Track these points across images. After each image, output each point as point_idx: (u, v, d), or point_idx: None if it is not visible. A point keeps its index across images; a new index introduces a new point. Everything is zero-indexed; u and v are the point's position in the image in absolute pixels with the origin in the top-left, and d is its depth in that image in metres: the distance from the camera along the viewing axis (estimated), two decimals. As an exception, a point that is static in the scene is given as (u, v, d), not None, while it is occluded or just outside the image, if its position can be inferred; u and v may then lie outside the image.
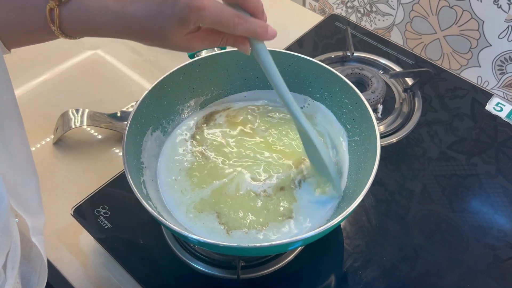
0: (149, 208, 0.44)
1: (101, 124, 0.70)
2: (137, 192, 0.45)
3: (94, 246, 0.59)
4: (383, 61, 0.78)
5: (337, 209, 0.51)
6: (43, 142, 0.70)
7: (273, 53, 0.56)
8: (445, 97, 0.75)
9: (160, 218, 0.43)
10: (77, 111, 0.70)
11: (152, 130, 0.55)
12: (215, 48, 0.58)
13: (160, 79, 0.54)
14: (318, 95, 0.59)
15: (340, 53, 0.79)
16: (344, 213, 0.44)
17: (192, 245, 0.56)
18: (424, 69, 0.72)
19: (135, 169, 0.50)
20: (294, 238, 0.42)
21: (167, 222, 0.43)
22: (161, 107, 0.56)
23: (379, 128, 0.68)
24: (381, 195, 0.62)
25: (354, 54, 0.78)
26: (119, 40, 0.85)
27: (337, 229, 0.59)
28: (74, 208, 0.59)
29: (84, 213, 0.58)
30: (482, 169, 0.66)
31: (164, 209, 0.52)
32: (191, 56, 0.58)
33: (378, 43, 0.81)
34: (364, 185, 0.46)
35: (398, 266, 0.56)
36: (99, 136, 0.71)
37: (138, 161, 0.52)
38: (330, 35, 0.84)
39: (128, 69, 0.82)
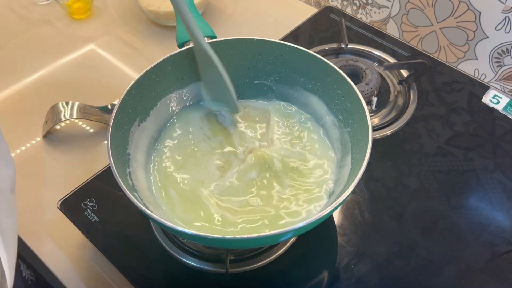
0: (134, 199, 0.42)
1: (91, 117, 0.69)
2: (122, 183, 0.44)
3: (82, 240, 0.58)
4: (378, 53, 0.77)
5: (328, 200, 0.50)
6: (34, 136, 0.69)
7: (264, 43, 0.56)
8: (442, 90, 0.73)
9: (145, 209, 0.42)
10: (67, 103, 0.69)
11: (140, 121, 0.54)
12: (205, 39, 0.57)
13: (147, 68, 0.53)
14: (310, 86, 0.58)
15: (335, 45, 0.78)
16: (335, 202, 0.43)
17: (180, 238, 0.55)
18: (419, 60, 0.71)
19: (121, 160, 0.49)
20: (284, 229, 0.41)
21: (152, 214, 0.42)
22: (149, 97, 0.55)
23: (373, 121, 0.67)
24: (378, 191, 0.61)
25: (349, 46, 0.76)
26: (112, 34, 0.85)
27: (330, 223, 0.58)
28: (60, 201, 0.58)
29: (71, 206, 0.57)
30: (480, 164, 0.64)
31: (152, 201, 0.50)
32: (181, 46, 0.57)
33: (373, 36, 0.80)
34: (354, 177, 0.45)
35: (392, 261, 0.54)
36: (90, 129, 0.70)
37: (125, 152, 0.51)
38: (325, 28, 0.83)
39: (121, 63, 0.81)
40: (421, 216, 0.59)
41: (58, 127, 0.70)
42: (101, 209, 0.57)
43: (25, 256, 0.61)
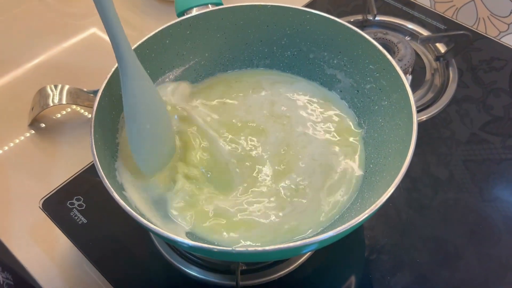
0: (120, 200, 0.34)
1: (84, 102, 0.61)
2: (106, 180, 0.36)
3: (69, 244, 0.50)
4: (410, 25, 0.69)
5: (361, 200, 0.41)
6: (19, 125, 0.62)
7: (281, 10, 0.47)
8: (479, 69, 0.66)
9: (135, 214, 0.34)
10: (55, 87, 0.62)
11: (132, 104, 0.46)
12: (209, 5, 0.48)
13: (140, 41, 0.45)
14: (335, 61, 0.49)
15: (360, 17, 0.69)
16: (372, 207, 0.34)
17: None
18: (461, 32, 0.62)
19: (109, 152, 0.41)
20: (307, 241, 0.33)
21: (143, 220, 0.34)
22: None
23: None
24: (403, 183, 0.53)
25: (376, 18, 0.68)
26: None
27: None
28: (43, 200, 0.50)
29: (55, 205, 0.50)
30: (520, 153, 0.57)
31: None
32: (180, 15, 0.48)
33: (403, 6, 0.72)
34: (397, 172, 0.36)
35: (429, 269, 0.48)
36: (81, 116, 0.63)
37: (113, 142, 0.43)
38: (345, 1, 0.75)
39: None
40: (451, 211, 0.52)
41: (46, 113, 0.63)
42: (90, 210, 0.50)
43: (4, 259, 0.54)
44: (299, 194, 0.43)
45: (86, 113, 0.63)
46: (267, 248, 0.32)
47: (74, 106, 0.63)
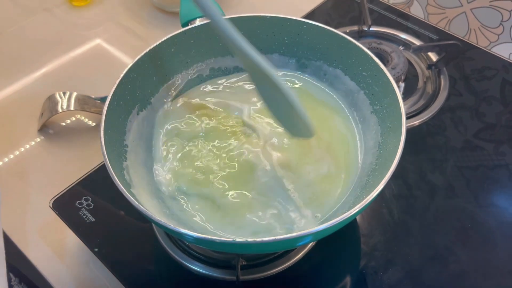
0: (129, 197, 0.37)
1: (91, 108, 0.64)
2: (116, 178, 0.38)
3: (78, 243, 0.52)
4: (403, 36, 0.71)
5: (353, 199, 0.44)
6: (29, 130, 0.64)
7: (279, 21, 0.50)
8: (471, 78, 0.67)
9: (142, 207, 0.36)
10: (64, 93, 0.64)
11: (139, 109, 0.48)
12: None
13: (147, 50, 0.47)
14: (330, 69, 0.52)
15: (355, 28, 0.72)
16: (362, 202, 0.36)
17: (186, 242, 0.49)
18: (452, 42, 0.64)
19: (117, 152, 0.43)
20: (303, 232, 0.35)
21: (150, 213, 0.36)
22: (149, 83, 0.49)
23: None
24: (399, 189, 0.55)
25: (371, 29, 0.70)
26: (114, 22, 0.80)
27: (353, 224, 0.52)
28: (53, 200, 0.52)
29: (64, 205, 0.52)
30: (513, 159, 0.58)
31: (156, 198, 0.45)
32: (185, 25, 0.51)
33: (397, 17, 0.74)
34: (386, 171, 0.38)
35: (422, 267, 0.49)
36: (89, 122, 0.65)
37: (121, 143, 0.45)
38: (343, 13, 0.77)
39: (124, 53, 0.76)
40: (447, 216, 0.53)
41: (55, 119, 0.65)
42: (98, 209, 0.52)
43: (17, 262, 0.56)
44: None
45: (92, 120, 0.65)
46: (265, 239, 0.35)
47: (81, 113, 0.65)
